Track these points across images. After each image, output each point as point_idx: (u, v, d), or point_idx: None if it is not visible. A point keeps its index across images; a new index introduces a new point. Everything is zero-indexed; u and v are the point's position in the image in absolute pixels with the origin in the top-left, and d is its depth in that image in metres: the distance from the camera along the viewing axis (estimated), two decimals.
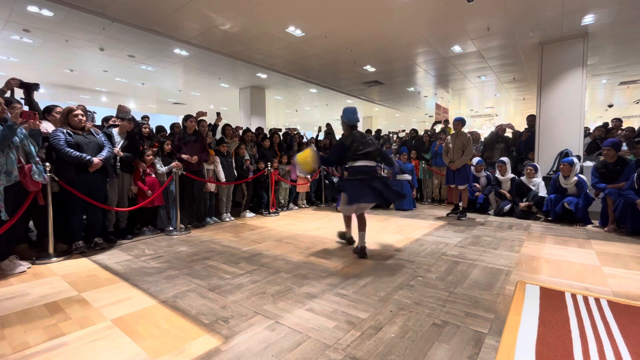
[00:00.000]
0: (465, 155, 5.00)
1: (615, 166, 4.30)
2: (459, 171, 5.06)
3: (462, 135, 5.07)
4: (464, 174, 5.06)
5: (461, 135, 5.07)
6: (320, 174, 6.75)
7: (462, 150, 5.02)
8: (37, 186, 2.90)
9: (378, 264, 2.89)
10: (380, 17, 5.34)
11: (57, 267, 2.88)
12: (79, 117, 3.27)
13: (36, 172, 2.82)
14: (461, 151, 5.03)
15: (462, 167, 5.04)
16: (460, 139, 5.05)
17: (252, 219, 5.22)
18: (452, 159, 5.11)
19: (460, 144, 5.03)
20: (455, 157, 5.08)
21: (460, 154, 5.03)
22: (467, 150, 4.99)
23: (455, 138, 5.12)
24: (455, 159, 5.06)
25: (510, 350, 1.47)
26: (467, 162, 5.07)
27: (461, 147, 5.03)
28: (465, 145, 5.01)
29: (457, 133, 5.10)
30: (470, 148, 5.00)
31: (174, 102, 13.29)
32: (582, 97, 5.92)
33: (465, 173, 5.05)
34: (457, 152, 5.06)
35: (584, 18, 5.27)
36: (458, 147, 5.05)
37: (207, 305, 2.06)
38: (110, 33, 5.88)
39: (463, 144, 5.03)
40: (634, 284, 2.40)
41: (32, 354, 1.55)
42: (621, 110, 15.27)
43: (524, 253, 3.19)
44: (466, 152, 5.00)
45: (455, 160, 5.07)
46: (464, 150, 5.01)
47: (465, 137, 5.06)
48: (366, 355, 1.51)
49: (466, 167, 5.05)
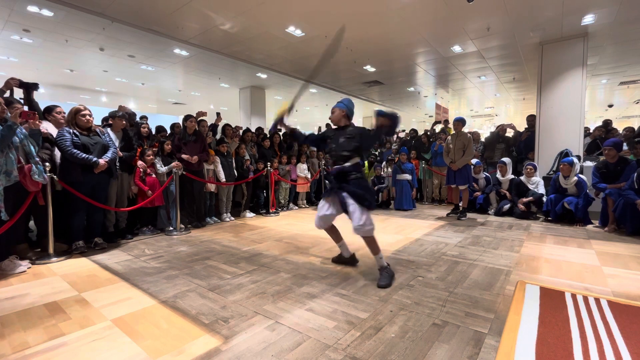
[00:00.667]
0: (467, 156, 4.99)
1: (616, 166, 4.30)
2: (460, 171, 5.06)
3: (463, 135, 5.06)
4: (464, 174, 5.05)
5: (462, 135, 5.06)
6: (320, 174, 6.75)
7: (463, 150, 5.01)
8: (37, 186, 2.90)
9: None
10: (380, 17, 5.34)
11: (57, 267, 2.88)
12: (87, 118, 3.27)
13: (36, 172, 2.81)
14: (462, 151, 5.02)
15: (463, 167, 5.04)
16: (461, 139, 5.04)
17: (252, 219, 5.22)
18: (453, 159, 5.10)
19: (461, 144, 5.01)
20: (456, 157, 5.07)
21: (461, 154, 5.02)
22: (468, 151, 4.98)
23: (455, 138, 5.10)
24: (457, 159, 5.05)
25: (510, 350, 1.47)
26: (469, 162, 5.06)
27: (462, 147, 5.02)
28: (466, 145, 5.00)
29: (458, 133, 5.09)
30: (471, 148, 4.99)
31: (174, 102, 13.29)
32: (582, 97, 5.92)
33: (466, 173, 5.05)
34: (458, 152, 5.05)
35: (584, 18, 5.27)
36: (459, 147, 5.04)
37: (207, 305, 2.06)
38: (110, 33, 5.88)
39: (464, 144, 5.01)
40: (634, 284, 2.40)
41: (32, 354, 1.55)
42: (621, 110, 15.26)
43: (524, 253, 3.19)
44: (467, 152, 4.99)
45: (456, 161, 5.06)
46: (465, 151, 5.01)
47: (465, 137, 5.05)
48: (366, 355, 1.51)
49: (467, 167, 5.05)
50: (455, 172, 5.10)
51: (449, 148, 5.21)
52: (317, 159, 6.82)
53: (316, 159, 6.80)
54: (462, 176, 5.05)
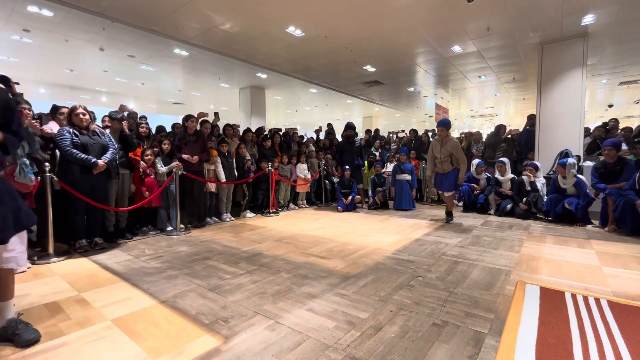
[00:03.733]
0: (461, 165, 4.59)
1: (615, 166, 4.30)
2: (447, 177, 4.72)
3: (450, 142, 4.63)
4: (451, 179, 4.69)
5: (448, 142, 4.63)
6: (320, 174, 6.75)
7: (450, 157, 4.65)
8: (26, 188, 2.80)
9: (378, 264, 2.89)
10: (380, 17, 5.34)
11: (57, 267, 2.88)
12: (81, 116, 3.27)
13: (17, 173, 2.68)
14: (449, 158, 4.66)
15: (450, 172, 4.68)
16: (447, 147, 4.62)
17: (252, 219, 5.22)
18: (442, 168, 4.73)
19: (447, 152, 4.62)
20: (444, 166, 4.70)
21: (449, 161, 4.67)
22: (459, 159, 4.58)
23: (441, 145, 4.67)
24: (445, 168, 4.69)
25: (510, 350, 1.47)
26: (463, 171, 4.64)
27: (449, 155, 4.64)
28: (455, 154, 4.60)
29: (443, 139, 4.66)
30: (462, 156, 4.59)
31: (174, 102, 13.29)
32: (582, 97, 5.92)
33: (453, 179, 4.69)
34: (445, 161, 4.67)
35: (584, 18, 5.27)
36: (445, 155, 4.65)
37: (207, 305, 2.06)
38: (110, 33, 5.88)
39: (450, 153, 4.62)
40: (634, 284, 2.40)
41: (32, 354, 1.55)
42: (621, 110, 15.27)
43: (524, 253, 3.19)
44: (460, 162, 4.58)
45: (445, 171, 4.69)
46: (452, 157, 4.63)
47: (453, 143, 4.62)
48: (366, 355, 1.51)
49: (455, 171, 4.67)
50: (442, 176, 4.79)
51: (433, 155, 4.80)
52: (317, 159, 6.82)
53: (315, 159, 6.80)
54: (448, 182, 4.72)
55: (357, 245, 3.52)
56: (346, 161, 6.20)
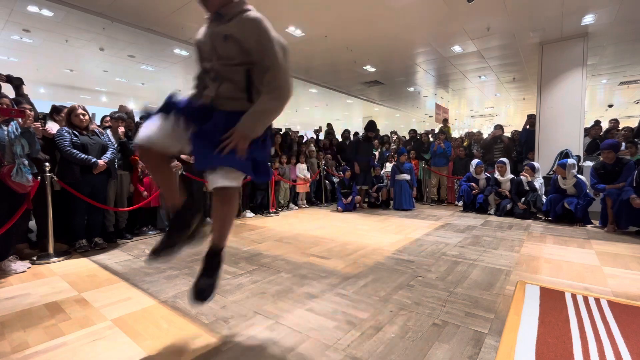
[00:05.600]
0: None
1: (614, 167, 4.30)
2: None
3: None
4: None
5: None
6: (320, 174, 6.75)
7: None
8: (23, 188, 2.75)
9: (378, 263, 2.89)
10: (380, 17, 5.34)
11: (57, 267, 2.88)
12: (80, 117, 3.27)
13: (14, 173, 2.63)
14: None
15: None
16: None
17: (252, 219, 5.22)
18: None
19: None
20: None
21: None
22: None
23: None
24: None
25: (510, 350, 1.47)
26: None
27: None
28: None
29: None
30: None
31: None
32: (582, 97, 5.92)
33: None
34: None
35: (584, 18, 5.27)
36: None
37: (207, 305, 2.05)
38: (110, 33, 5.89)
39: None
40: (634, 284, 2.40)
41: (32, 354, 1.55)
42: (621, 110, 15.26)
43: (524, 253, 3.19)
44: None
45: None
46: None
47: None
48: (366, 355, 1.51)
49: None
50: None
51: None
52: (317, 159, 6.81)
53: (315, 159, 6.80)
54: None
55: (357, 245, 3.52)
56: (361, 161, 6.12)
